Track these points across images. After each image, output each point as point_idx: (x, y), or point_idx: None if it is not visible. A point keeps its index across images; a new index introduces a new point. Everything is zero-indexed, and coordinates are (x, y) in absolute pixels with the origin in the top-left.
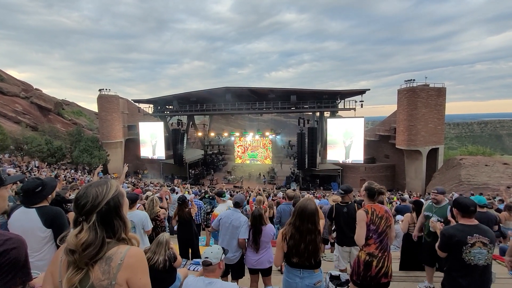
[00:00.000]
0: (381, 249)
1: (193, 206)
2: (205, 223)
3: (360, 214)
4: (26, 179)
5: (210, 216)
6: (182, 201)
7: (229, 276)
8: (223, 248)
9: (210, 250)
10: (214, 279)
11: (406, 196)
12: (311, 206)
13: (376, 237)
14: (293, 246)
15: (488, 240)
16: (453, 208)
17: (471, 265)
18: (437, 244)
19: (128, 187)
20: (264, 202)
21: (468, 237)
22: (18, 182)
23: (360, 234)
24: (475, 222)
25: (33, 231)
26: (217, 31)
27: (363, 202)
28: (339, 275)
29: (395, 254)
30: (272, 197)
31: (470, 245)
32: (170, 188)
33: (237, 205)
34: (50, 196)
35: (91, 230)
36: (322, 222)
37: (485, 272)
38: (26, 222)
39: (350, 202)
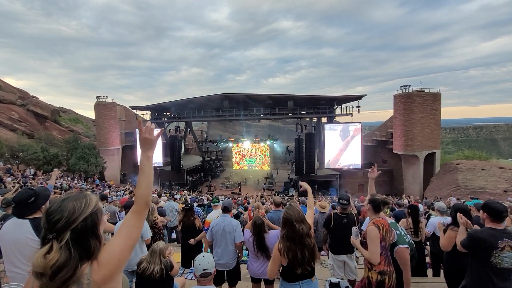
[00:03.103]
0: (388, 263)
1: (197, 218)
2: None
3: (373, 231)
4: (4, 187)
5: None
6: (190, 208)
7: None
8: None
9: (207, 261)
10: (211, 287)
11: (405, 201)
12: (292, 212)
13: (385, 253)
14: (294, 258)
15: None
16: (480, 211)
17: (496, 267)
18: (461, 241)
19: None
20: (262, 208)
21: (499, 241)
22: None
23: (375, 252)
24: (503, 226)
25: (26, 242)
26: (215, 38)
27: (362, 211)
28: (339, 282)
29: None
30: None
31: (500, 249)
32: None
33: (226, 210)
34: (43, 206)
35: (63, 250)
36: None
37: (510, 274)
38: (18, 234)
39: (349, 213)
